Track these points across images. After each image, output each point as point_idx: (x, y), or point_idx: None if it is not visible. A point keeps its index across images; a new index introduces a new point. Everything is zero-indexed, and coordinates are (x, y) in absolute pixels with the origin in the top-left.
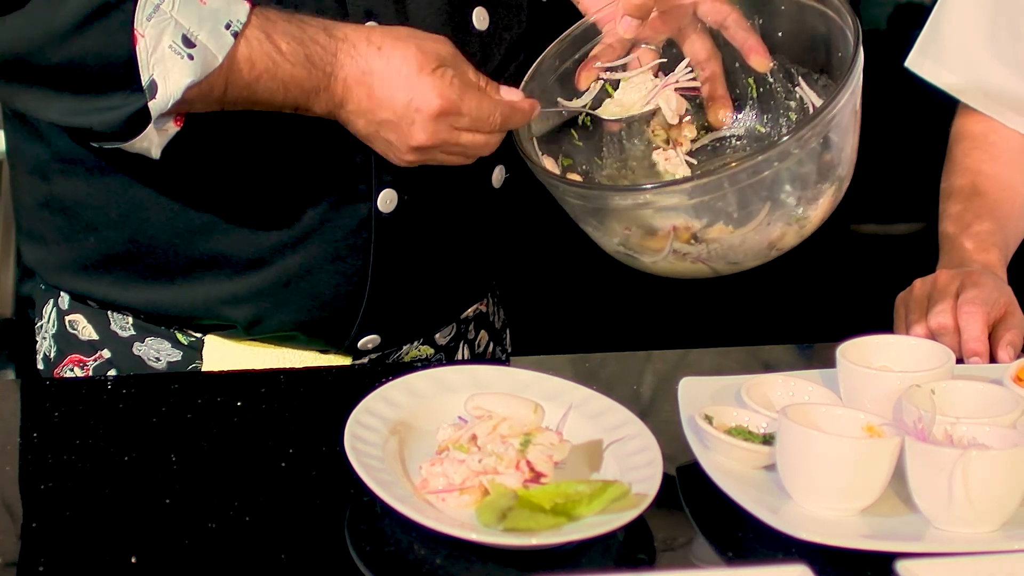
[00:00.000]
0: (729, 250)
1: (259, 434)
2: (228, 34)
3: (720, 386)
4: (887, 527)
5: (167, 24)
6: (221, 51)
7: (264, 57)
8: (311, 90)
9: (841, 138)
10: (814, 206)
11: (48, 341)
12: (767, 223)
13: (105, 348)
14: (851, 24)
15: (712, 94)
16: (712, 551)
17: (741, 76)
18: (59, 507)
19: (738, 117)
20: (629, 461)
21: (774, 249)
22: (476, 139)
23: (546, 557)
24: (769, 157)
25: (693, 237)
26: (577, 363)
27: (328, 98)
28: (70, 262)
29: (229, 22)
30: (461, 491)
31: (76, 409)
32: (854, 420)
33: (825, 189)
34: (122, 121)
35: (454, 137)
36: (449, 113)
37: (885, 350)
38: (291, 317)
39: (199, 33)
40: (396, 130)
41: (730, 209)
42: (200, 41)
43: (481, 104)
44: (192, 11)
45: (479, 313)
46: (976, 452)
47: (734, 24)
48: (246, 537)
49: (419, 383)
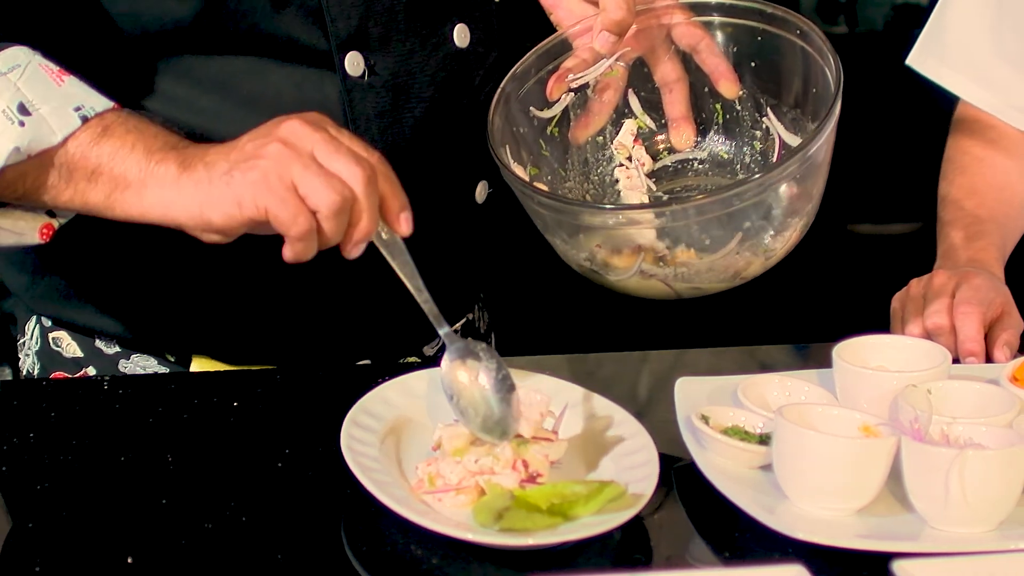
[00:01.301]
0: (695, 275)
1: (255, 434)
2: (76, 116)
3: (716, 386)
4: (883, 527)
5: (5, 89)
6: (62, 130)
7: (121, 127)
8: (159, 147)
9: (814, 175)
10: (782, 238)
11: (31, 358)
12: (736, 252)
13: (90, 365)
14: (832, 64)
15: (676, 116)
16: (708, 551)
17: (709, 101)
18: (55, 507)
19: (701, 141)
20: (625, 461)
21: (738, 277)
22: (353, 150)
23: (542, 557)
24: (748, 189)
25: (660, 259)
26: (574, 363)
27: (189, 153)
28: (51, 290)
29: (80, 106)
30: (457, 491)
31: (72, 409)
32: (850, 420)
33: (793, 223)
34: None
35: (333, 129)
36: (322, 119)
37: (881, 350)
38: (276, 347)
39: (41, 107)
40: (261, 133)
41: (701, 235)
42: (39, 114)
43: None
44: (41, 87)
45: (466, 321)
46: (972, 452)
47: (706, 49)
48: (242, 537)
49: (416, 383)
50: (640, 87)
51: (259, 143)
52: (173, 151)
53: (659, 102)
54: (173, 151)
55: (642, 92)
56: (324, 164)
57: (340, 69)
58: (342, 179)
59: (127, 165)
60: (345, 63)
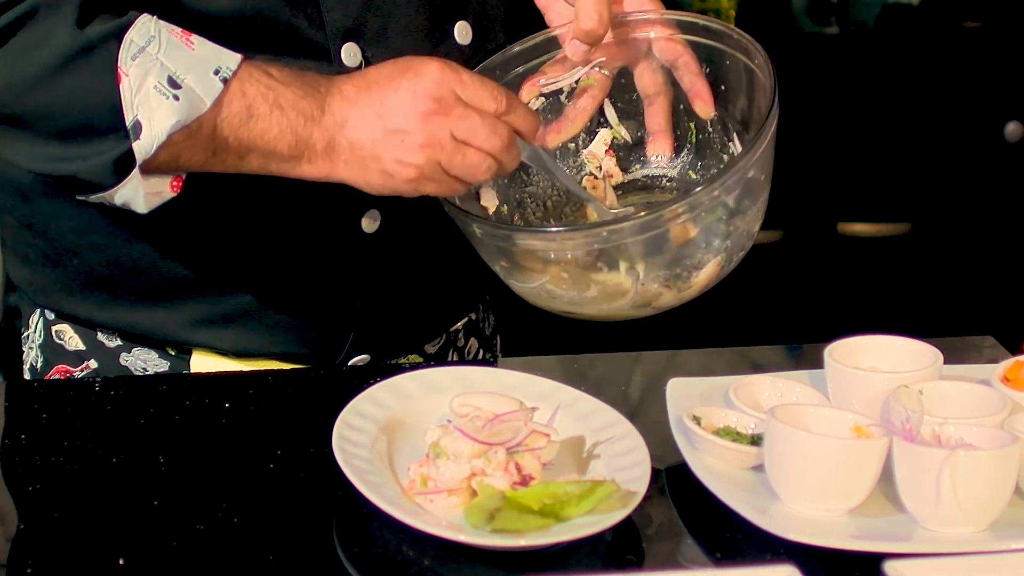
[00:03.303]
0: (590, 300)
1: (247, 435)
2: (217, 79)
3: (708, 387)
4: (875, 527)
5: (152, 65)
6: (209, 95)
7: (255, 84)
8: (308, 113)
9: (739, 204)
10: (697, 272)
11: (35, 351)
12: (641, 283)
13: (92, 359)
14: (769, 83)
15: (655, 128)
16: (700, 552)
17: (684, 119)
18: (47, 509)
19: (675, 158)
20: (617, 462)
21: (649, 307)
22: (483, 118)
23: (534, 558)
24: (630, 226)
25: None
26: (565, 364)
27: (329, 119)
28: (54, 283)
29: (218, 68)
30: (449, 492)
31: (64, 411)
32: (842, 421)
33: (709, 259)
34: (106, 166)
35: (460, 108)
36: (450, 76)
37: (873, 350)
38: (278, 340)
39: (186, 76)
40: (401, 108)
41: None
42: (187, 84)
43: (484, 79)
44: (179, 55)
45: (469, 321)
46: (964, 452)
47: (684, 66)
48: (234, 539)
49: (407, 384)
50: (618, 98)
51: (404, 136)
52: (313, 123)
53: (636, 114)
54: (313, 123)
55: (619, 103)
56: (465, 142)
57: (336, 60)
58: (485, 151)
59: (276, 145)
60: (341, 54)
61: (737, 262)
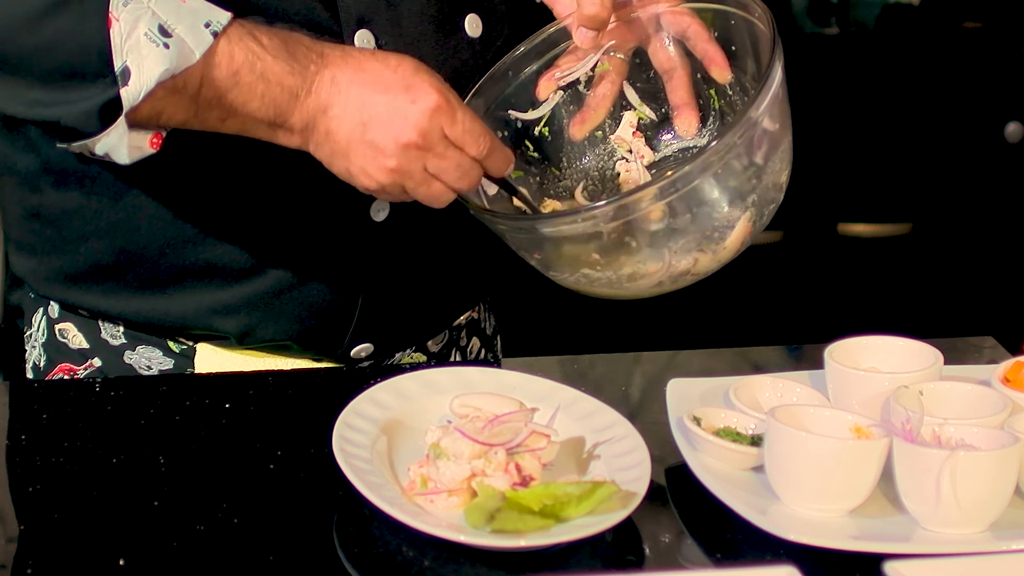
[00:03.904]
0: (632, 276)
1: (248, 436)
2: (207, 32)
3: (708, 387)
4: (875, 528)
5: (143, 12)
6: (199, 47)
7: (245, 49)
8: (292, 91)
9: (760, 153)
10: (730, 231)
11: (38, 350)
12: (673, 252)
13: (96, 356)
14: (767, 27)
15: (678, 102)
16: (700, 552)
17: (703, 87)
18: (48, 510)
19: (703, 129)
20: (617, 462)
21: (688, 276)
22: (462, 159)
23: (534, 559)
24: (664, 184)
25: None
26: (565, 364)
27: (312, 102)
28: (60, 272)
29: (209, 21)
30: (449, 493)
31: (65, 412)
32: (842, 421)
33: (738, 215)
34: (92, 112)
35: (441, 147)
36: (444, 112)
37: (873, 351)
38: (283, 327)
39: (177, 26)
40: (386, 126)
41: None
42: (177, 34)
43: (474, 119)
44: (170, 6)
45: (471, 320)
46: (964, 453)
47: (694, 35)
48: (235, 539)
49: (407, 384)
50: (636, 78)
51: (376, 149)
52: (296, 101)
53: (657, 91)
54: (296, 101)
55: (638, 83)
56: (436, 176)
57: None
58: (451, 188)
59: (257, 114)
60: (355, 40)
61: (770, 216)
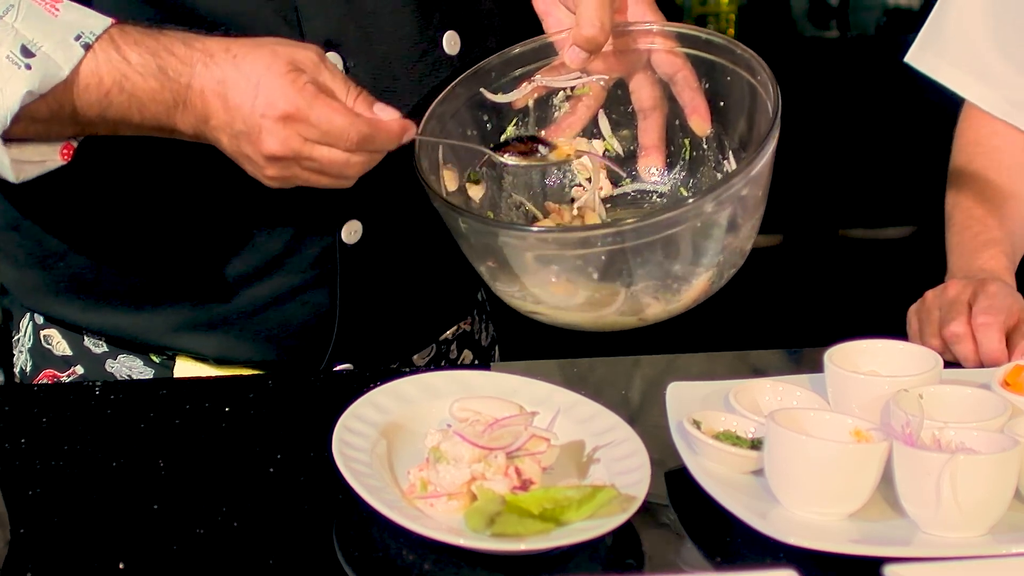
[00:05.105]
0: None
1: (247, 439)
2: (78, 45)
3: (708, 391)
4: (875, 532)
5: (7, 34)
6: (68, 63)
7: (112, 70)
8: (169, 104)
9: (739, 219)
10: (687, 285)
11: (24, 355)
12: (631, 293)
13: (79, 364)
14: (772, 101)
15: (647, 143)
16: (700, 556)
17: (679, 135)
18: (46, 513)
19: (667, 174)
20: (617, 466)
21: (635, 318)
22: (333, 155)
23: (534, 562)
24: (616, 232)
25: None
26: (565, 368)
27: (191, 113)
28: (41, 285)
29: (80, 34)
30: (449, 496)
31: (63, 415)
32: (842, 425)
33: (700, 272)
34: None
35: (307, 149)
36: (295, 119)
37: (873, 355)
38: (260, 347)
39: (43, 44)
40: (249, 140)
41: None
42: (42, 52)
43: (333, 116)
44: (39, 23)
45: (462, 332)
46: (964, 456)
47: (682, 81)
48: (234, 543)
49: (407, 388)
50: (612, 108)
51: (251, 160)
52: (175, 111)
53: (630, 126)
54: (175, 111)
55: (613, 115)
56: (320, 172)
57: None
58: (335, 179)
59: (143, 126)
60: None
61: (727, 279)
